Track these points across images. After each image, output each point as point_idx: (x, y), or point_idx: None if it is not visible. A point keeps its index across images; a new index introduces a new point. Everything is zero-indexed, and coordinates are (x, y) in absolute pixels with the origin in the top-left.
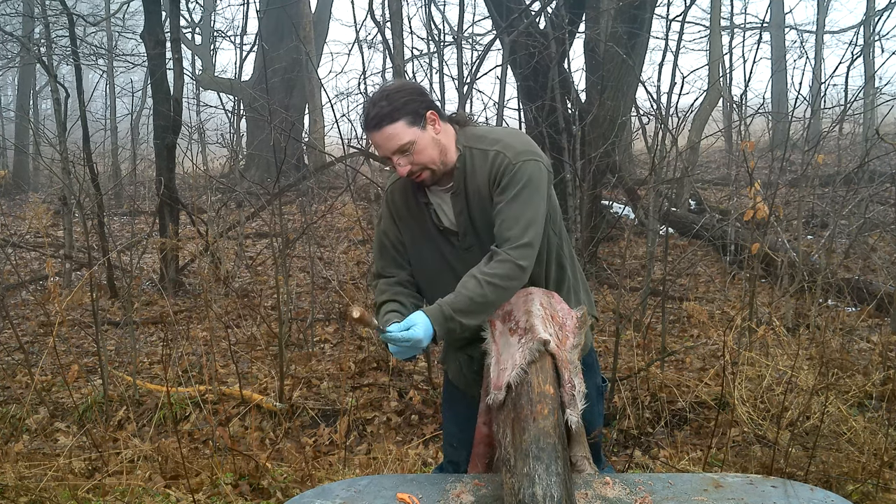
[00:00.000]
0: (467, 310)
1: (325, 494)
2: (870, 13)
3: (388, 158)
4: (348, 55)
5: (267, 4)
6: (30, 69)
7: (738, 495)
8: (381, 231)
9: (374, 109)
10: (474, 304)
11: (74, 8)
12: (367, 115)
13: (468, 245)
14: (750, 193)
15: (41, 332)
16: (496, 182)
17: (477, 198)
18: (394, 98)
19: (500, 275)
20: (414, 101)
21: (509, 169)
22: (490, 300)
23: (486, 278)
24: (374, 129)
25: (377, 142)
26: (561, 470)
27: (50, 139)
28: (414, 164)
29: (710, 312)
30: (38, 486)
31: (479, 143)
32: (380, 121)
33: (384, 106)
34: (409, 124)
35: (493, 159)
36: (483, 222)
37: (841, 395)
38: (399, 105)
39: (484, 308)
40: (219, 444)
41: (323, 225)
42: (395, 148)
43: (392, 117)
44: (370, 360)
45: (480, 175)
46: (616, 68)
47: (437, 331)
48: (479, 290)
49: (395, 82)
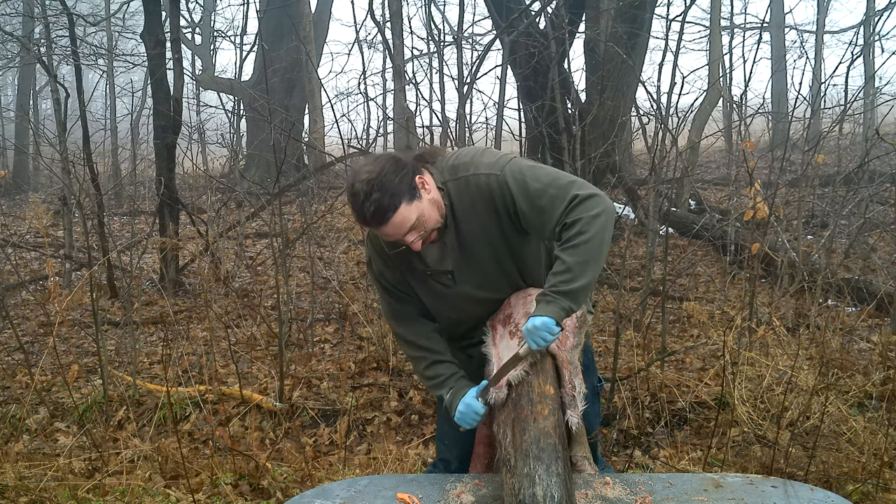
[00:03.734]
0: (571, 278)
1: (325, 494)
2: (870, 13)
3: (400, 240)
4: (348, 55)
5: (267, 4)
6: (30, 69)
7: (738, 495)
8: (377, 276)
9: (370, 205)
10: (570, 272)
11: (74, 8)
12: (365, 212)
13: (463, 280)
14: (750, 193)
15: (41, 332)
16: (502, 200)
17: (468, 222)
18: (384, 183)
19: (573, 235)
20: (403, 176)
21: (498, 184)
22: (580, 259)
23: (563, 247)
24: (380, 224)
25: (386, 233)
26: (561, 470)
27: (50, 139)
28: (424, 233)
29: (710, 312)
30: (38, 486)
31: (455, 173)
32: (384, 214)
33: (379, 197)
34: (409, 202)
35: (478, 184)
36: (478, 249)
37: (841, 395)
38: (394, 189)
39: (583, 268)
40: (219, 444)
41: (323, 225)
42: (406, 230)
43: (394, 205)
44: (370, 360)
45: (468, 201)
46: (616, 68)
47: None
48: (562, 263)
49: (368, 164)
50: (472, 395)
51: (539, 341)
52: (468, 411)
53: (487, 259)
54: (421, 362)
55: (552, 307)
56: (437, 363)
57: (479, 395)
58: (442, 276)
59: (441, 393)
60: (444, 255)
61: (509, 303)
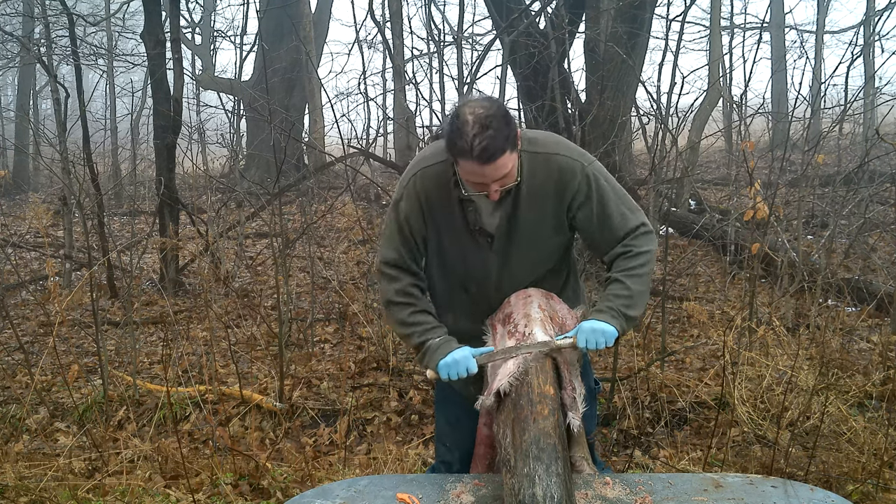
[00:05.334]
0: (632, 304)
1: (325, 494)
2: (870, 13)
3: (480, 185)
4: (348, 55)
5: (267, 4)
6: (30, 69)
7: (738, 495)
8: (402, 216)
9: (482, 140)
10: (632, 300)
11: (74, 8)
12: (472, 144)
13: (498, 249)
14: (750, 193)
15: (41, 332)
16: (576, 190)
17: (530, 200)
18: (498, 127)
19: (637, 265)
20: (511, 126)
21: (582, 175)
22: (641, 290)
23: (628, 273)
24: (485, 162)
25: (483, 171)
26: (561, 470)
27: (50, 139)
28: (505, 186)
29: (710, 312)
30: (38, 486)
31: (535, 146)
32: (493, 153)
33: (493, 135)
34: (511, 151)
35: (561, 165)
36: (529, 224)
37: (841, 395)
38: (505, 134)
39: (641, 300)
40: (219, 444)
41: (323, 225)
42: (500, 176)
43: (503, 148)
44: (370, 360)
45: (542, 178)
46: (616, 68)
47: (618, 327)
48: (626, 287)
49: (481, 101)
50: (469, 351)
51: (592, 343)
52: (460, 364)
53: (529, 237)
54: (405, 308)
55: (617, 322)
56: (424, 312)
57: (476, 356)
58: (483, 235)
59: (426, 338)
60: (492, 217)
61: (509, 302)
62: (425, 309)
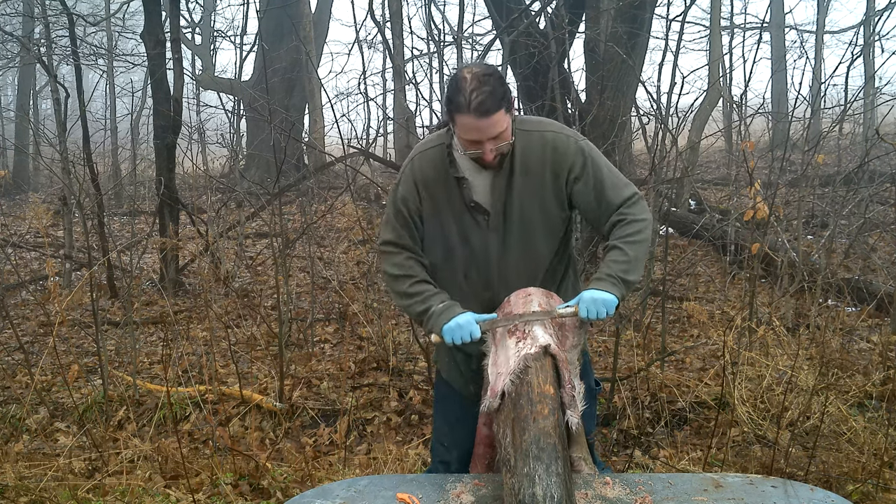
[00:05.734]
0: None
1: (325, 494)
2: (870, 13)
3: (475, 142)
4: (348, 55)
5: (267, 4)
6: (30, 69)
7: (738, 495)
8: (398, 198)
9: (479, 95)
10: (630, 264)
11: (74, 8)
12: (470, 99)
13: (494, 225)
14: (750, 193)
15: (41, 332)
16: (571, 163)
17: (525, 177)
18: (495, 85)
19: (633, 232)
20: (507, 88)
21: (576, 150)
22: (639, 255)
23: (625, 240)
24: (481, 116)
25: (479, 126)
26: (561, 470)
27: (50, 139)
28: (499, 147)
29: (710, 312)
30: (38, 486)
31: (527, 125)
32: (488, 108)
33: (488, 92)
34: (506, 111)
35: (553, 141)
36: (523, 200)
37: (841, 395)
38: (501, 92)
39: (639, 265)
40: (219, 444)
41: (323, 225)
42: (494, 134)
43: (499, 105)
44: (370, 360)
45: (534, 155)
46: (616, 68)
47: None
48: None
49: (478, 63)
50: (472, 317)
51: (593, 312)
52: (463, 329)
53: (526, 213)
54: (405, 280)
55: (617, 289)
56: (423, 282)
57: (479, 322)
58: (479, 213)
59: (429, 304)
60: (487, 194)
61: (508, 301)
62: (425, 279)
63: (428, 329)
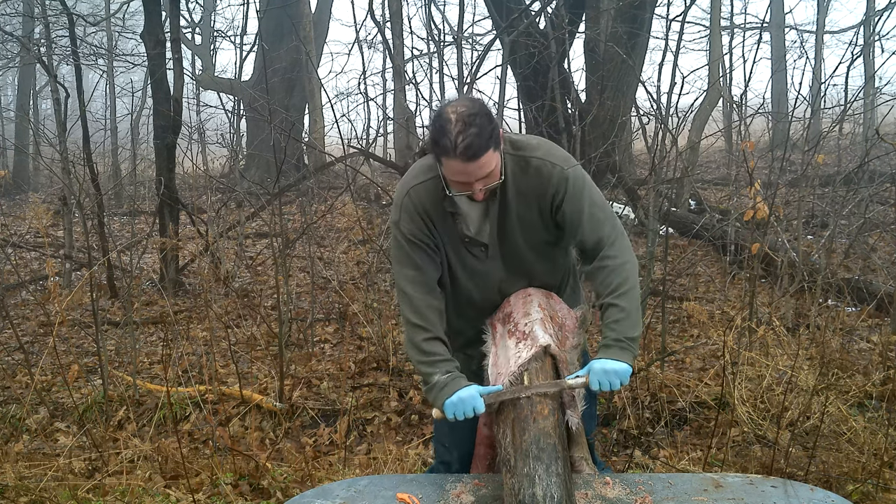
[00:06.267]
0: (633, 324)
1: (325, 494)
2: (870, 13)
3: (464, 183)
4: (348, 55)
5: (267, 4)
6: (30, 69)
7: (738, 495)
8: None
9: (466, 138)
10: (630, 319)
11: (74, 8)
12: (456, 143)
13: (493, 255)
14: (750, 193)
15: (41, 332)
16: (554, 192)
17: (517, 203)
18: (482, 124)
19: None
20: (493, 124)
21: (563, 177)
22: (634, 306)
23: (617, 294)
24: (469, 159)
25: (467, 169)
26: (561, 470)
27: (50, 139)
28: (489, 187)
29: (710, 312)
30: (38, 486)
31: (517, 149)
32: (476, 151)
33: (475, 134)
34: (494, 149)
35: (539, 168)
36: (517, 228)
37: (841, 395)
38: (488, 132)
39: (638, 315)
40: (219, 444)
41: (323, 225)
42: (483, 175)
43: (487, 146)
44: (370, 360)
45: (523, 181)
46: (616, 68)
47: (629, 359)
48: (622, 310)
49: (463, 101)
50: (477, 390)
51: (605, 385)
52: (466, 404)
53: (521, 241)
54: (420, 332)
55: (627, 354)
56: (437, 341)
57: (483, 395)
58: (477, 246)
59: (433, 371)
60: (482, 225)
61: (508, 301)
62: (438, 337)
63: (431, 400)
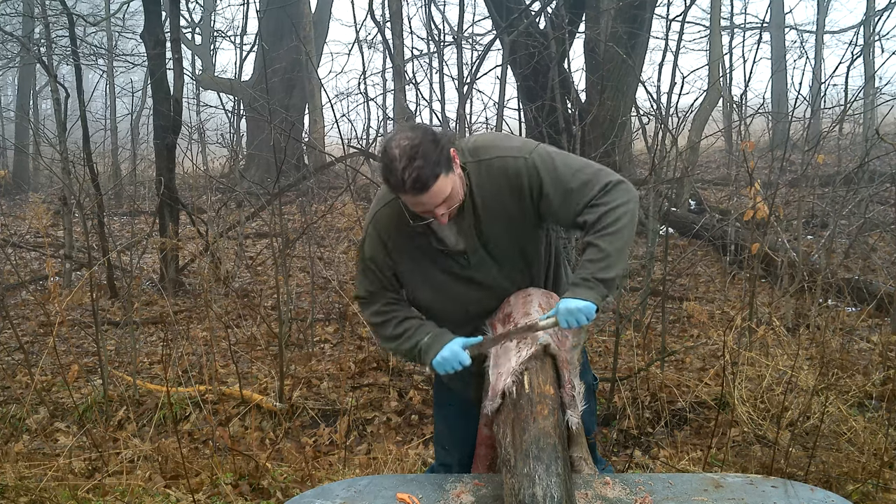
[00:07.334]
0: (608, 265)
1: (325, 494)
2: (870, 13)
3: (426, 211)
4: (348, 55)
5: (267, 4)
6: (30, 69)
7: (738, 495)
8: (367, 258)
9: (412, 172)
10: (607, 260)
11: (74, 8)
12: (404, 179)
13: (476, 263)
14: (750, 193)
15: (41, 332)
16: (529, 184)
17: (488, 210)
18: (426, 153)
19: (610, 223)
20: (442, 148)
21: (531, 166)
22: (617, 247)
23: (600, 234)
24: (419, 192)
25: (420, 202)
26: (561, 470)
27: (50, 139)
28: (451, 209)
29: (710, 312)
30: (38, 486)
31: (476, 154)
32: (424, 182)
33: (422, 164)
34: (446, 173)
35: (502, 167)
36: (495, 232)
37: (841, 395)
38: (434, 159)
39: (619, 256)
40: (219, 444)
41: (323, 225)
42: (440, 202)
43: (435, 175)
44: (370, 360)
45: (490, 185)
46: (616, 68)
47: (595, 298)
48: (600, 250)
49: (405, 131)
50: (459, 343)
51: (573, 321)
52: (452, 358)
53: (504, 243)
54: (386, 325)
55: (593, 293)
56: (404, 320)
57: (466, 346)
58: (457, 255)
59: (415, 341)
60: (459, 236)
61: (508, 302)
62: (407, 316)
63: (421, 364)
